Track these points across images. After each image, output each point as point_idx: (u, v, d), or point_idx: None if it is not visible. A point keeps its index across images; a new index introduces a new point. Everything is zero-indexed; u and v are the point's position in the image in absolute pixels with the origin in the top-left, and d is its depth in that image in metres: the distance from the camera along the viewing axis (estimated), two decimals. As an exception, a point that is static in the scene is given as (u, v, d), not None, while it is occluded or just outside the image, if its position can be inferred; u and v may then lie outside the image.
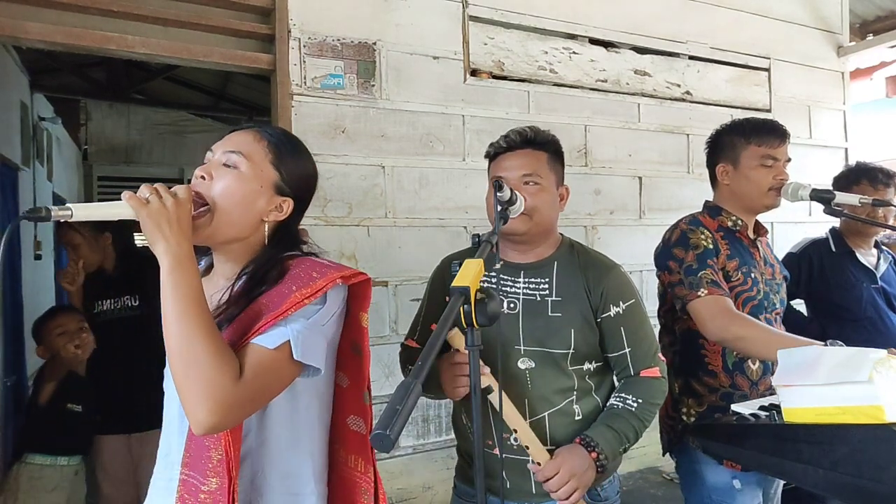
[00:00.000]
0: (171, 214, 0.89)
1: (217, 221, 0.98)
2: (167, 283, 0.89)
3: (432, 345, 0.76)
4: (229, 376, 0.86)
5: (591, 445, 1.28)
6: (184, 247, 0.90)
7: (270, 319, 0.92)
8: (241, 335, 0.94)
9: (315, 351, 0.95)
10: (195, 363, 0.86)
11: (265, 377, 0.91)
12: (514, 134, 1.40)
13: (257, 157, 1.02)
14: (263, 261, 1.02)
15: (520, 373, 1.35)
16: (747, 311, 1.63)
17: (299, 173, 1.09)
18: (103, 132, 7.25)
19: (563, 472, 1.24)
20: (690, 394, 1.69)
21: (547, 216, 1.39)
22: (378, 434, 0.62)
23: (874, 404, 1.15)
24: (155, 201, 0.89)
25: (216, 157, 1.02)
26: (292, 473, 1.01)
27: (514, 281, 1.40)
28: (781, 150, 1.71)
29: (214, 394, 0.85)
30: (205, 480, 0.92)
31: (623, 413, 1.34)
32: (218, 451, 0.92)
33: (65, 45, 2.17)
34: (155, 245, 0.89)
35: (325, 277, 0.97)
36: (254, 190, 1.00)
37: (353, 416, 1.09)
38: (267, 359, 0.91)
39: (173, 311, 0.88)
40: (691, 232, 1.68)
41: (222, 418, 0.86)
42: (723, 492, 1.62)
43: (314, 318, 0.96)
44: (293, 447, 1.02)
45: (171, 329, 0.88)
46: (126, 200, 0.89)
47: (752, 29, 3.60)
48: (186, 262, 0.90)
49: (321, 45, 2.53)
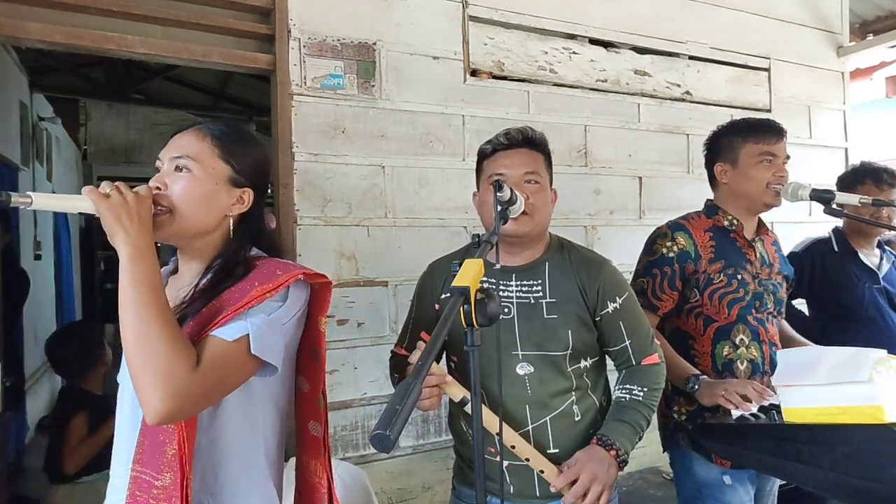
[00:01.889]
0: (130, 208, 0.91)
1: (180, 224, 1.00)
2: (125, 272, 0.89)
3: (432, 346, 0.75)
4: (185, 364, 0.87)
5: (609, 443, 1.28)
6: (144, 238, 0.91)
7: (230, 313, 0.93)
8: (202, 328, 0.94)
9: (273, 348, 0.95)
10: (151, 350, 0.86)
11: (222, 369, 0.91)
12: (516, 131, 1.39)
13: (204, 155, 1.02)
14: (230, 254, 1.04)
15: (519, 378, 1.34)
16: (734, 312, 1.67)
17: (250, 161, 1.08)
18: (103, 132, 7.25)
19: (584, 478, 1.24)
20: (682, 392, 1.71)
21: (546, 216, 1.38)
22: (378, 434, 0.61)
23: (874, 404, 1.15)
24: (115, 195, 0.91)
25: (165, 165, 1.03)
26: (243, 474, 1.01)
27: (507, 284, 1.38)
28: (779, 147, 1.71)
29: (170, 381, 0.85)
30: (158, 476, 0.92)
31: (631, 404, 1.36)
32: (172, 445, 0.91)
33: (65, 45, 2.17)
34: (115, 237, 0.90)
35: (287, 273, 0.98)
36: (210, 189, 1.02)
37: (312, 422, 1.10)
38: (225, 350, 0.91)
39: (130, 300, 0.88)
40: (662, 237, 1.74)
41: (177, 406, 0.86)
42: (714, 487, 1.65)
43: (274, 315, 0.96)
44: (245, 448, 1.01)
45: (127, 317, 0.88)
46: (87, 194, 0.90)
47: (752, 29, 3.60)
48: (145, 253, 0.91)
49: (321, 45, 2.53)
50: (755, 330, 1.68)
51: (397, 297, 2.63)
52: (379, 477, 2.57)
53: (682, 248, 1.70)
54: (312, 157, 2.50)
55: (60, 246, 5.75)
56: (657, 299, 1.70)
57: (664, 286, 1.69)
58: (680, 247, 1.70)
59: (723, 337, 1.68)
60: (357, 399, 2.55)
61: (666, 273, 1.69)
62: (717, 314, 1.67)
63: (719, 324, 1.68)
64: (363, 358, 2.57)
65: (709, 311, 1.68)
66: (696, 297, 1.69)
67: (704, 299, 1.68)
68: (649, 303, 1.69)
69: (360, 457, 2.53)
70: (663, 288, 1.69)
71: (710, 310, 1.68)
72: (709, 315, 1.69)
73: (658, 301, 1.70)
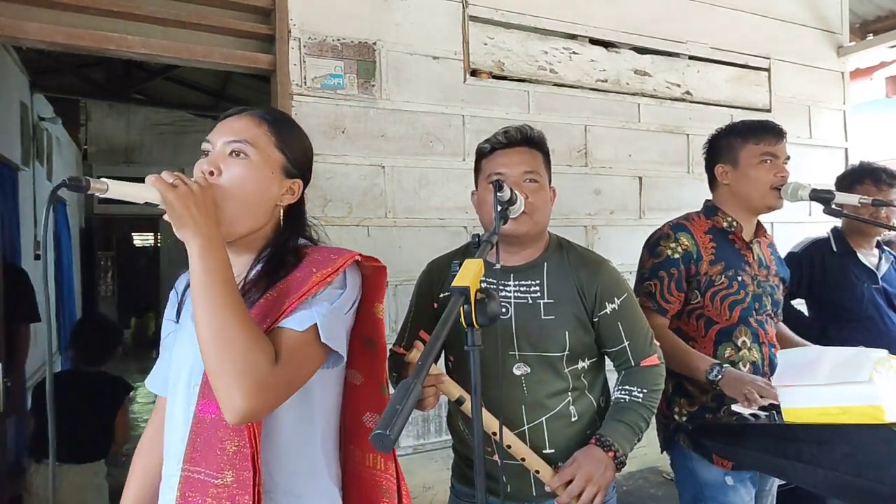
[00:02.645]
0: (198, 198, 0.87)
1: (234, 212, 0.95)
2: (198, 265, 0.85)
3: (433, 346, 0.75)
4: (266, 359, 0.84)
5: (608, 444, 1.28)
6: (214, 229, 0.88)
7: (295, 301, 0.90)
8: (263, 319, 0.91)
9: (339, 337, 0.93)
10: (230, 346, 0.83)
11: (297, 360, 0.88)
12: (515, 130, 1.38)
13: (262, 142, 0.99)
14: (281, 244, 1.00)
15: (515, 379, 1.34)
16: (735, 314, 1.67)
17: (303, 152, 1.06)
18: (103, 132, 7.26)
19: (579, 478, 1.23)
20: (682, 394, 1.70)
21: (546, 216, 1.38)
22: (378, 434, 0.61)
23: (874, 404, 1.15)
24: (182, 185, 0.87)
25: (218, 148, 0.98)
26: (300, 472, 0.97)
27: (505, 284, 1.37)
28: (780, 148, 1.71)
29: (252, 377, 0.82)
30: (218, 474, 0.88)
31: (631, 405, 1.35)
32: (234, 442, 0.88)
33: (65, 45, 2.17)
34: (184, 228, 0.86)
35: (342, 257, 0.96)
36: (266, 176, 0.98)
37: (369, 414, 1.05)
38: (298, 342, 0.88)
39: (205, 295, 0.85)
40: (665, 239, 1.73)
41: (260, 404, 0.83)
42: (715, 488, 1.64)
43: (337, 302, 0.94)
44: (303, 444, 0.98)
45: (203, 313, 0.85)
46: (153, 184, 0.86)
47: (752, 29, 3.60)
48: (218, 244, 0.87)
49: (321, 45, 2.53)
50: (755, 332, 1.68)
51: (397, 297, 2.63)
52: (379, 477, 2.56)
53: (686, 249, 1.69)
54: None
55: (60, 246, 5.75)
56: (666, 302, 1.68)
57: (672, 288, 1.68)
58: (684, 247, 1.69)
59: (725, 338, 1.67)
60: (357, 399, 2.55)
61: (672, 275, 1.68)
62: (719, 316, 1.67)
63: (721, 325, 1.68)
64: (363, 358, 2.56)
65: (710, 312, 1.68)
66: (697, 299, 1.69)
67: (706, 301, 1.67)
68: (659, 306, 1.67)
69: (361, 457, 2.53)
70: (671, 290, 1.68)
71: (711, 311, 1.68)
72: (710, 317, 1.68)
73: (667, 304, 1.68)
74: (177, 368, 1.01)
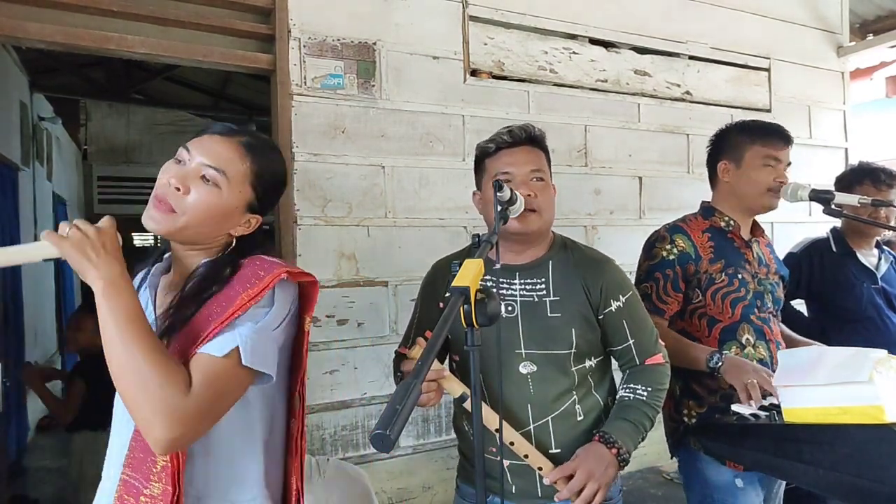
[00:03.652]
0: (94, 241, 0.88)
1: (183, 227, 0.97)
2: (102, 306, 0.87)
3: (432, 346, 0.75)
4: (178, 389, 0.85)
5: (611, 441, 1.27)
6: (114, 268, 0.88)
7: (216, 326, 0.91)
8: (190, 343, 0.92)
9: (265, 357, 0.93)
10: (141, 382, 0.84)
11: (216, 386, 0.89)
12: (519, 129, 1.37)
13: (238, 177, 1.00)
14: (218, 263, 1.01)
15: (521, 378, 1.33)
16: (738, 312, 1.67)
17: (274, 190, 1.08)
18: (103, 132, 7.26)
19: (580, 474, 1.23)
20: (691, 395, 1.70)
21: (552, 213, 1.39)
22: (378, 434, 0.61)
23: (874, 404, 1.15)
24: (74, 233, 0.87)
25: (192, 165, 0.99)
26: (237, 482, 0.99)
27: (510, 283, 1.37)
28: (784, 153, 1.72)
29: (165, 409, 0.83)
30: (147, 484, 0.91)
31: (635, 403, 1.34)
32: (163, 457, 0.90)
33: (65, 45, 2.17)
34: (85, 273, 0.87)
35: (270, 274, 0.95)
36: (229, 210, 1.00)
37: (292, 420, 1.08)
38: (216, 367, 0.89)
39: (113, 334, 0.86)
40: (661, 241, 1.74)
41: (180, 433, 0.84)
42: (725, 491, 1.63)
43: (263, 322, 0.94)
44: (240, 456, 0.99)
45: (113, 351, 0.86)
46: (45, 238, 0.87)
47: (752, 29, 3.60)
48: (120, 283, 0.88)
49: (321, 45, 2.53)
50: (760, 329, 1.68)
51: (397, 297, 2.63)
52: (379, 477, 2.57)
53: (682, 250, 1.70)
54: (312, 157, 2.50)
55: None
56: (662, 302, 1.69)
57: (668, 289, 1.69)
58: (680, 248, 1.70)
59: (729, 337, 1.67)
60: (357, 399, 2.55)
61: (668, 276, 1.69)
62: (721, 314, 1.67)
63: (724, 324, 1.68)
64: (363, 358, 2.57)
65: (712, 311, 1.68)
66: (698, 298, 1.69)
67: (707, 299, 1.68)
68: (655, 307, 1.68)
69: (360, 457, 2.53)
70: (667, 290, 1.69)
71: (713, 310, 1.68)
72: (712, 315, 1.68)
73: (663, 304, 1.69)
74: None
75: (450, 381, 1.27)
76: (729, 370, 1.52)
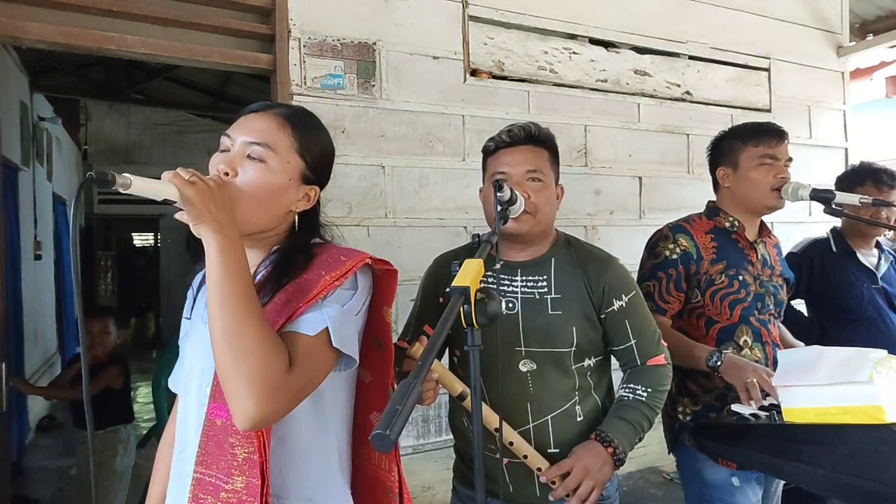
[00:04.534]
0: (216, 195, 0.84)
1: (245, 214, 0.92)
2: (216, 263, 0.83)
3: (432, 346, 0.75)
4: (282, 365, 0.82)
5: (608, 440, 1.26)
6: (232, 227, 0.85)
7: (303, 305, 0.88)
8: (273, 321, 0.89)
9: (350, 340, 0.91)
10: (245, 350, 0.80)
11: (310, 366, 0.86)
12: (518, 129, 1.37)
13: (282, 146, 0.95)
14: (290, 246, 0.98)
15: (521, 375, 1.33)
16: (736, 313, 1.67)
17: (324, 156, 1.03)
18: (103, 132, 7.26)
19: (576, 471, 1.22)
20: (686, 393, 1.70)
21: (549, 214, 1.37)
22: (378, 434, 0.61)
23: (874, 404, 1.15)
24: (199, 182, 0.83)
25: (237, 147, 0.94)
26: (313, 476, 0.96)
27: (512, 280, 1.37)
28: (780, 150, 1.71)
29: (265, 382, 0.80)
30: (228, 479, 0.86)
31: (634, 403, 1.33)
32: (245, 448, 0.86)
33: (65, 45, 2.17)
34: (203, 225, 0.83)
35: (352, 259, 0.93)
36: (282, 184, 0.95)
37: (376, 413, 1.03)
38: (309, 347, 0.86)
39: (222, 294, 0.82)
40: (664, 240, 1.74)
41: (272, 410, 0.81)
42: (722, 489, 1.63)
43: (348, 304, 0.92)
44: (316, 446, 0.96)
45: (218, 313, 0.82)
46: (170, 179, 0.82)
47: (752, 29, 3.60)
48: (236, 242, 0.85)
49: (321, 45, 2.53)
50: (757, 331, 1.68)
51: (398, 298, 2.60)
52: (379, 477, 2.56)
53: (685, 250, 1.70)
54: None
55: (60, 246, 5.75)
56: (664, 302, 1.69)
57: (670, 288, 1.69)
58: (682, 248, 1.70)
59: (726, 338, 1.67)
60: (357, 399, 2.55)
61: (671, 276, 1.69)
62: (719, 315, 1.67)
63: (721, 325, 1.68)
64: (363, 358, 2.56)
65: (710, 311, 1.68)
66: (697, 298, 1.69)
67: (706, 300, 1.68)
68: (657, 306, 1.68)
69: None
70: (670, 290, 1.69)
71: (711, 311, 1.68)
72: (710, 316, 1.68)
73: (665, 304, 1.69)
74: (188, 368, 1.00)
75: (448, 378, 1.26)
76: (728, 369, 1.51)
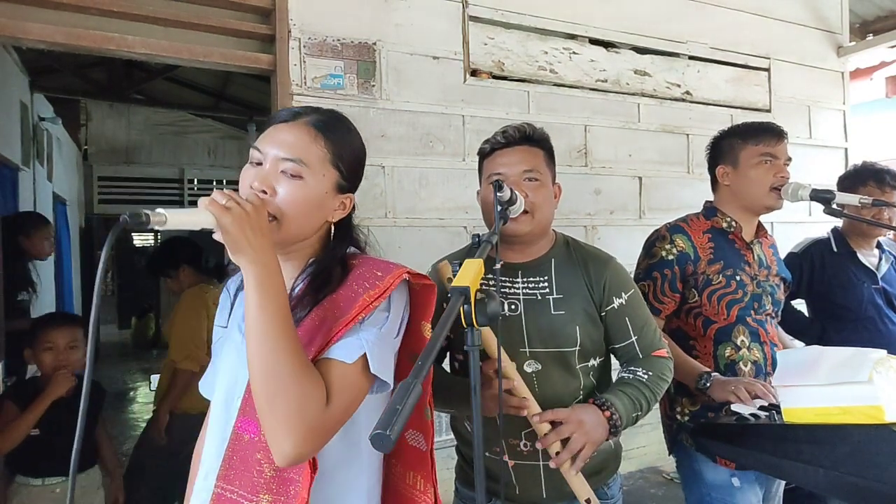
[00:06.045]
0: (253, 221, 0.80)
1: (285, 231, 0.90)
2: (255, 294, 0.80)
3: (432, 346, 0.75)
4: (320, 403, 0.80)
5: (606, 405, 1.25)
6: (270, 254, 0.82)
7: (341, 328, 0.86)
8: (311, 342, 0.87)
9: (387, 365, 0.88)
10: (282, 388, 0.78)
11: (348, 395, 0.84)
12: (513, 130, 1.37)
13: (316, 160, 0.92)
14: (327, 258, 0.95)
15: (526, 376, 1.32)
16: (733, 313, 1.68)
17: (356, 162, 1.01)
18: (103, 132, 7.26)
19: (571, 420, 1.20)
20: (685, 393, 1.71)
21: (547, 214, 1.38)
22: (378, 434, 0.61)
23: (874, 404, 1.15)
24: (236, 207, 0.79)
25: (269, 163, 0.91)
26: (342, 492, 0.93)
27: (513, 281, 1.37)
28: (780, 149, 1.72)
29: (303, 422, 0.78)
30: (253, 497, 0.84)
31: (634, 382, 1.32)
32: (272, 465, 0.83)
33: (65, 45, 2.17)
34: (241, 254, 0.80)
35: (390, 274, 0.91)
36: (319, 197, 0.93)
37: (412, 431, 1.01)
38: (348, 375, 0.84)
39: (260, 328, 0.79)
40: (661, 240, 1.75)
41: (311, 448, 0.79)
42: (722, 489, 1.63)
43: (385, 327, 0.89)
44: (347, 464, 0.94)
45: (256, 348, 0.80)
46: (206, 207, 0.79)
47: (752, 29, 3.60)
48: (275, 271, 0.82)
49: (321, 46, 2.53)
50: (755, 331, 1.69)
51: (397, 297, 2.63)
52: (379, 477, 2.56)
53: (682, 250, 1.70)
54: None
55: (60, 246, 5.75)
56: (659, 302, 1.70)
57: (665, 289, 1.70)
58: (679, 249, 1.70)
59: (724, 338, 1.68)
60: (357, 399, 2.55)
61: (666, 276, 1.69)
62: (717, 315, 1.68)
63: (719, 325, 1.68)
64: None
65: (708, 311, 1.68)
66: (694, 298, 1.69)
67: (703, 300, 1.68)
68: (652, 306, 1.68)
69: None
70: (664, 291, 1.70)
71: (709, 311, 1.68)
72: (708, 316, 1.69)
73: (660, 304, 1.70)
74: (221, 378, 0.98)
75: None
76: (715, 388, 1.55)
